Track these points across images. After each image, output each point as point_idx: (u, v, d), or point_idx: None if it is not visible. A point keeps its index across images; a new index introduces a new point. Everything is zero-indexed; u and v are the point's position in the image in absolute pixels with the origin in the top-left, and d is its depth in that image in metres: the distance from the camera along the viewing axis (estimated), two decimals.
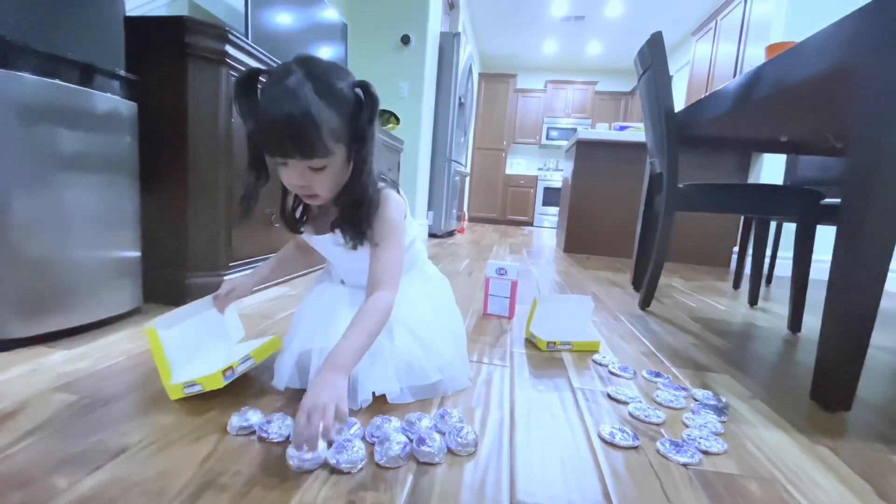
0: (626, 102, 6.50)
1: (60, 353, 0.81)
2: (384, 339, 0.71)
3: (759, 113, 1.23)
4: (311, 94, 0.57)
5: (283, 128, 0.56)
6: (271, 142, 0.59)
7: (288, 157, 0.59)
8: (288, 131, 0.56)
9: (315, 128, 0.57)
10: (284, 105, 0.56)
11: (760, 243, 1.77)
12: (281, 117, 0.56)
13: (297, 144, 0.58)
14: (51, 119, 0.83)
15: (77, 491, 0.46)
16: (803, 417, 0.77)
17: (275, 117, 0.56)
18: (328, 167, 0.62)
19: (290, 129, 0.56)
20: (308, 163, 0.60)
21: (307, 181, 0.62)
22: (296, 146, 0.58)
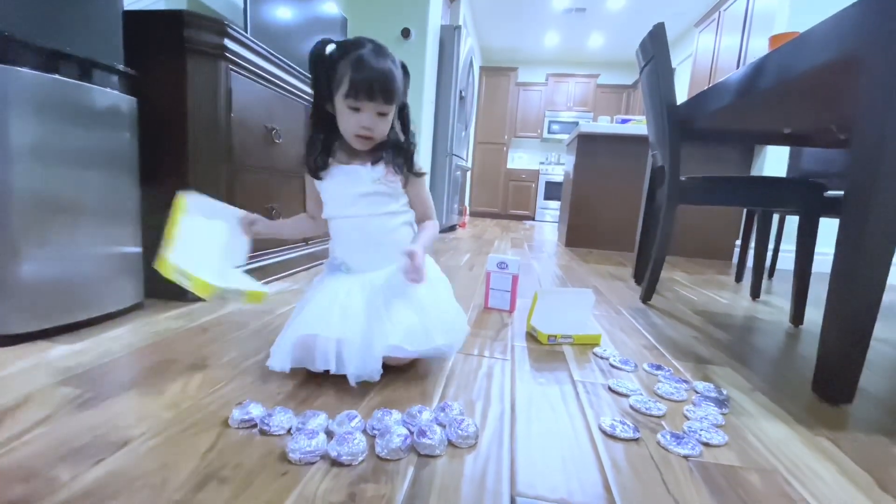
0: (628, 95, 6.46)
1: (63, 347, 0.81)
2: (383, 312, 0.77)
3: (762, 104, 1.22)
4: (389, 54, 0.78)
5: (378, 76, 0.75)
6: (366, 88, 0.75)
7: (373, 100, 0.76)
8: (381, 80, 0.75)
9: (396, 81, 0.77)
10: (380, 61, 0.75)
11: (763, 236, 1.76)
12: (378, 68, 0.75)
13: (384, 91, 0.76)
14: (51, 114, 0.83)
15: (79, 484, 0.46)
16: (805, 410, 0.77)
17: (374, 68, 0.74)
18: (388, 115, 0.80)
19: (383, 78, 0.75)
20: (381, 108, 0.77)
21: (373, 124, 0.78)
22: (383, 92, 0.76)
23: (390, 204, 0.86)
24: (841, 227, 0.80)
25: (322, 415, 0.61)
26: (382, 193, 0.84)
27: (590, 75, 6.48)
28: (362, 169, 0.83)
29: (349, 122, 0.79)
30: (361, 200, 0.83)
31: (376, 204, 0.84)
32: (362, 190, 0.83)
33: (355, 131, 0.79)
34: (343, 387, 0.73)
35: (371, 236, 0.85)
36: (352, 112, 0.77)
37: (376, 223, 0.85)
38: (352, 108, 0.77)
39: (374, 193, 0.84)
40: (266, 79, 1.34)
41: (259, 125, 1.32)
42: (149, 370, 0.75)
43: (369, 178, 0.83)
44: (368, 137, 0.80)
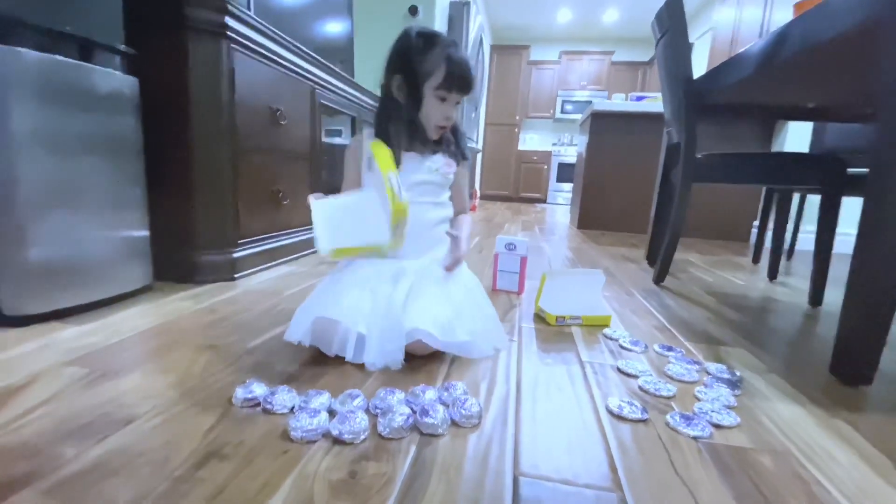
0: (644, 73, 6.27)
1: (72, 328, 0.83)
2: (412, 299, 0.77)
3: (784, 76, 1.16)
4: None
5: (469, 70, 0.83)
6: (459, 80, 0.82)
7: (461, 92, 0.83)
8: (470, 73, 0.83)
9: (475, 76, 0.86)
10: (464, 56, 0.83)
11: (782, 216, 1.71)
12: (468, 63, 0.83)
13: (470, 84, 0.84)
14: (53, 96, 0.83)
15: (83, 460, 0.47)
16: (821, 391, 0.74)
17: (466, 63, 0.83)
18: (458, 105, 0.87)
19: (471, 73, 0.84)
20: (462, 98, 0.85)
21: (453, 113, 0.85)
22: (469, 85, 0.84)
23: (440, 195, 0.91)
24: (864, 205, 0.76)
25: (325, 394, 0.60)
26: (435, 184, 0.89)
27: (604, 52, 6.29)
28: (421, 157, 0.88)
29: (436, 112, 0.84)
30: (415, 188, 0.85)
31: (427, 193, 0.88)
32: (418, 178, 0.87)
33: (439, 122, 0.85)
34: (347, 367, 0.72)
35: (415, 225, 0.80)
36: (439, 102, 0.83)
37: (423, 213, 0.86)
38: (441, 98, 0.83)
39: (428, 183, 0.88)
40: (270, 59, 1.32)
41: (263, 106, 1.31)
42: (156, 350, 0.75)
43: (427, 168, 0.88)
44: (446, 127, 0.87)
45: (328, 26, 2.13)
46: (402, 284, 0.79)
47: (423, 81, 0.82)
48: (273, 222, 1.42)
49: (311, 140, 1.62)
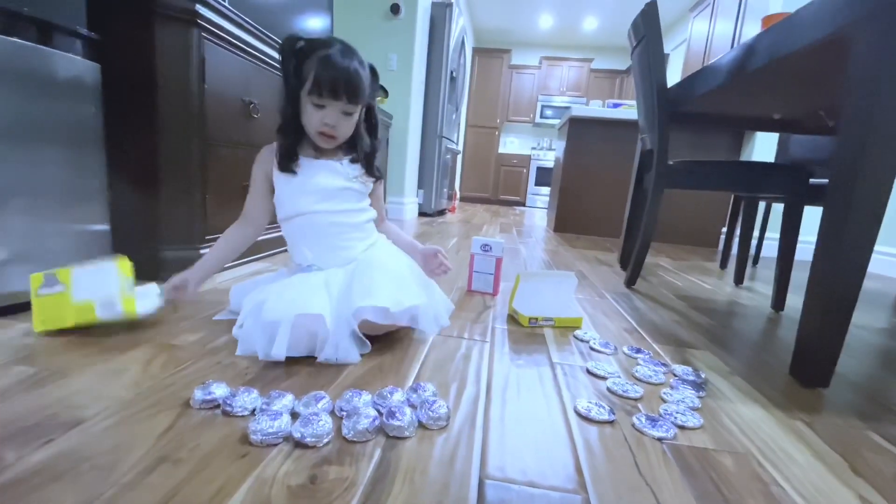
0: (621, 81, 6.41)
1: (23, 325, 0.78)
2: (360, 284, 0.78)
3: (752, 87, 1.20)
4: (356, 54, 0.80)
5: (343, 75, 0.76)
6: (329, 85, 0.76)
7: (336, 99, 0.77)
8: (346, 78, 0.77)
9: (361, 81, 0.79)
10: (347, 61, 0.77)
11: (748, 223, 1.76)
12: (344, 67, 0.76)
13: (348, 90, 0.77)
14: (8, 80, 0.78)
15: (24, 464, 0.44)
16: (781, 393, 0.76)
17: (340, 67, 0.76)
18: (352, 115, 0.81)
19: (349, 77, 0.77)
20: (346, 107, 0.79)
21: (336, 122, 0.80)
22: (347, 91, 0.77)
23: (362, 200, 0.90)
24: (824, 213, 0.79)
25: (288, 395, 0.58)
26: (355, 190, 0.88)
27: (584, 59, 6.40)
28: (337, 164, 0.86)
29: (312, 118, 0.79)
30: (337, 195, 0.85)
31: (350, 200, 0.87)
32: (337, 184, 0.85)
33: (318, 128, 0.80)
34: (314, 368, 0.71)
35: (343, 233, 0.86)
36: (315, 109, 0.78)
37: (348, 219, 0.87)
38: (316, 104, 0.78)
39: (348, 189, 0.86)
40: (244, 50, 1.28)
41: (236, 98, 1.27)
42: (111, 348, 0.72)
43: (345, 175, 0.86)
44: (331, 136, 0.81)
45: (307, 20, 2.10)
46: (350, 278, 0.80)
47: (300, 87, 0.79)
48: None
49: None
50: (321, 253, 0.85)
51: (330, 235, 0.85)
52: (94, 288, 0.76)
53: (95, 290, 0.76)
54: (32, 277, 0.75)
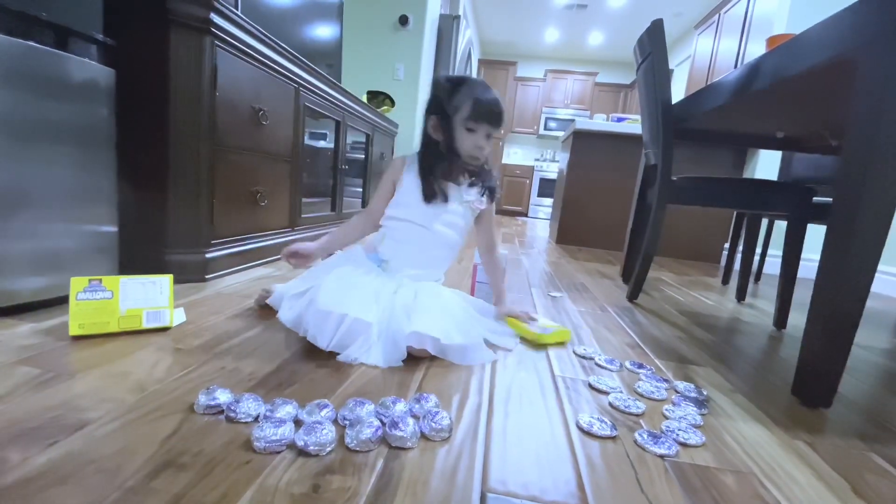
0: (625, 95, 6.46)
1: (28, 325, 0.79)
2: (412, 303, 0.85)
3: (756, 106, 1.21)
4: None
5: (494, 106, 0.90)
6: (485, 113, 0.89)
7: (490, 124, 0.90)
8: (497, 106, 0.91)
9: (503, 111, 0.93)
10: (494, 93, 0.92)
11: (751, 240, 1.76)
12: (494, 99, 0.91)
13: (498, 117, 0.91)
14: (24, 83, 0.79)
15: (29, 466, 0.44)
16: (783, 412, 0.76)
17: (491, 99, 0.90)
18: (491, 139, 0.94)
19: (498, 106, 0.91)
20: (492, 131, 0.92)
21: (485, 144, 0.92)
22: (497, 118, 0.91)
23: (463, 224, 0.99)
24: (828, 233, 0.79)
25: (292, 403, 0.59)
26: (462, 214, 0.98)
27: (588, 73, 6.46)
28: (456, 187, 0.96)
29: (467, 142, 0.91)
30: (444, 216, 0.95)
31: (453, 224, 0.97)
32: (452, 206, 0.95)
33: (471, 151, 0.92)
34: (317, 375, 0.71)
35: (431, 250, 0.96)
36: (468, 133, 0.90)
37: (442, 240, 0.96)
38: (469, 129, 0.90)
39: (457, 213, 0.96)
40: (255, 58, 1.30)
41: (246, 105, 1.29)
42: (117, 351, 0.72)
43: (460, 197, 0.97)
44: (479, 158, 0.94)
45: (317, 30, 2.13)
46: (403, 295, 0.87)
47: (453, 115, 0.90)
48: (250, 223, 1.39)
49: (293, 142, 1.60)
50: (404, 259, 0.94)
51: (422, 249, 0.95)
52: (143, 299, 0.80)
53: (145, 300, 0.80)
54: (73, 281, 0.75)
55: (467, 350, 0.82)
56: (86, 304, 0.76)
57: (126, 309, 0.78)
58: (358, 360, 0.76)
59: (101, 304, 0.77)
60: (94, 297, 0.76)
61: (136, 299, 0.80)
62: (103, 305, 0.77)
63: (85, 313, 0.75)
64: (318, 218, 1.93)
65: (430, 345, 0.79)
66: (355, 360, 0.76)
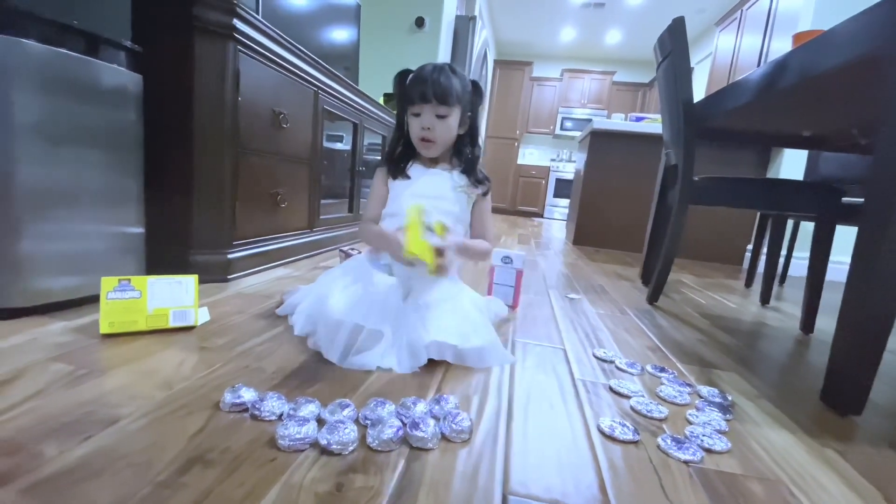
0: (644, 94, 6.37)
1: (60, 324, 0.81)
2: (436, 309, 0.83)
3: (782, 104, 1.18)
4: (447, 68, 0.89)
5: (430, 80, 0.85)
6: (419, 91, 0.85)
7: (426, 102, 0.86)
8: (433, 83, 0.85)
9: (450, 86, 0.87)
10: (436, 72, 0.87)
11: (776, 241, 1.72)
12: (430, 75, 0.86)
13: (436, 92, 0.85)
14: (56, 89, 0.82)
15: (65, 459, 0.45)
16: (812, 419, 0.74)
17: (427, 75, 0.86)
18: (447, 118, 0.88)
19: (435, 83, 0.85)
20: (437, 109, 0.87)
21: (432, 124, 0.88)
22: (435, 94, 0.85)
23: (461, 210, 0.96)
24: (859, 235, 0.77)
25: (314, 402, 0.59)
26: (456, 202, 0.94)
27: (606, 72, 6.39)
28: (446, 174, 0.95)
29: (414, 128, 0.90)
30: (437, 202, 0.92)
31: (447, 212, 0.93)
32: (441, 191, 0.93)
33: (419, 135, 0.90)
34: (338, 375, 0.72)
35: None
36: (415, 118, 0.89)
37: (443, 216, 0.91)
38: (414, 114, 0.89)
39: (450, 200, 0.94)
40: (275, 62, 1.32)
41: (267, 109, 1.31)
42: (144, 349, 0.74)
43: (451, 184, 0.94)
44: (429, 140, 0.90)
45: (335, 33, 2.15)
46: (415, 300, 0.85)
47: (406, 109, 0.91)
48: (270, 225, 1.42)
49: (312, 144, 1.63)
50: None
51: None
52: (170, 298, 0.82)
53: (172, 300, 0.83)
54: (104, 280, 0.78)
55: (485, 352, 0.82)
56: (115, 303, 0.78)
57: (153, 308, 0.81)
58: (369, 366, 0.75)
59: (129, 303, 0.79)
60: (123, 297, 0.78)
61: (162, 299, 0.82)
62: (132, 304, 0.79)
63: (115, 312, 0.78)
64: (335, 219, 1.95)
65: (451, 354, 0.79)
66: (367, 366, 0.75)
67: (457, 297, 0.90)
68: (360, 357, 0.75)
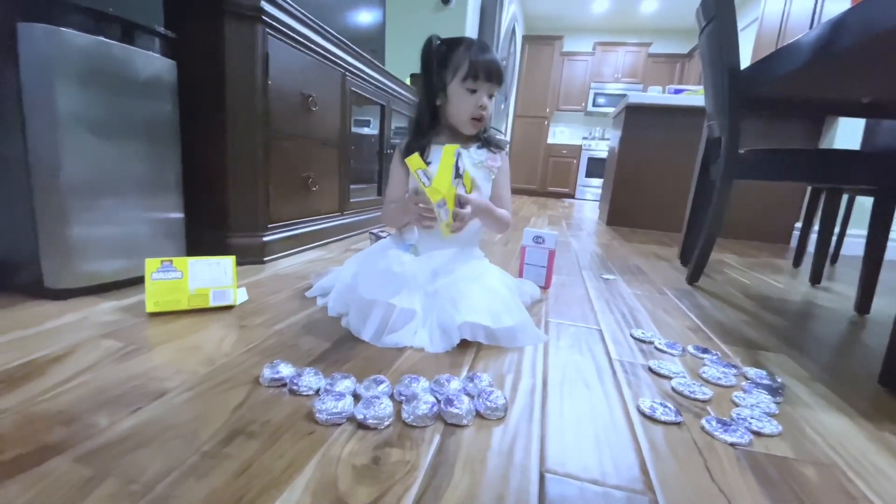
0: (682, 66, 6.05)
1: (109, 303, 0.85)
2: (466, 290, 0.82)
3: (839, 68, 1.09)
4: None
5: (494, 60, 0.87)
6: (485, 69, 0.85)
7: (489, 81, 0.87)
8: (496, 63, 0.87)
9: (503, 68, 0.90)
10: (491, 52, 0.88)
11: (829, 217, 1.61)
12: (492, 57, 0.87)
13: (498, 73, 0.88)
14: (96, 77, 0.85)
15: (116, 429, 0.48)
16: (869, 403, 0.70)
17: (490, 54, 0.87)
18: (494, 98, 0.91)
19: (497, 62, 0.88)
20: (493, 89, 0.89)
21: (485, 104, 0.89)
22: (497, 75, 0.87)
23: (483, 188, 0.94)
24: None
25: (350, 378, 0.60)
26: (478, 177, 0.93)
27: (641, 44, 6.09)
28: (465, 152, 0.93)
29: (467, 104, 0.88)
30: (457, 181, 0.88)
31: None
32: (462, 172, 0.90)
33: (472, 113, 0.89)
34: (372, 352, 0.72)
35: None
36: (469, 94, 0.87)
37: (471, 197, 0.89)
38: (469, 89, 0.87)
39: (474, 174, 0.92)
40: (303, 44, 1.32)
41: (296, 92, 1.32)
42: (187, 327, 0.77)
43: (470, 161, 0.93)
44: (481, 119, 0.90)
45: (360, 15, 2.13)
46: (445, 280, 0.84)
47: (450, 79, 0.87)
48: (302, 208, 1.43)
49: (340, 128, 1.63)
50: (431, 236, 0.91)
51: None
52: (210, 278, 0.85)
53: (211, 280, 0.85)
54: (148, 262, 0.81)
55: (517, 332, 0.80)
56: (159, 283, 0.81)
57: (195, 288, 0.83)
58: (403, 344, 0.75)
59: (172, 283, 0.82)
60: (166, 277, 0.81)
61: (203, 279, 0.84)
62: (175, 285, 0.82)
63: (159, 292, 0.81)
64: (365, 202, 1.96)
65: (483, 335, 0.78)
66: (400, 344, 0.75)
67: (485, 276, 0.89)
68: (392, 336, 0.76)
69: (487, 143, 0.96)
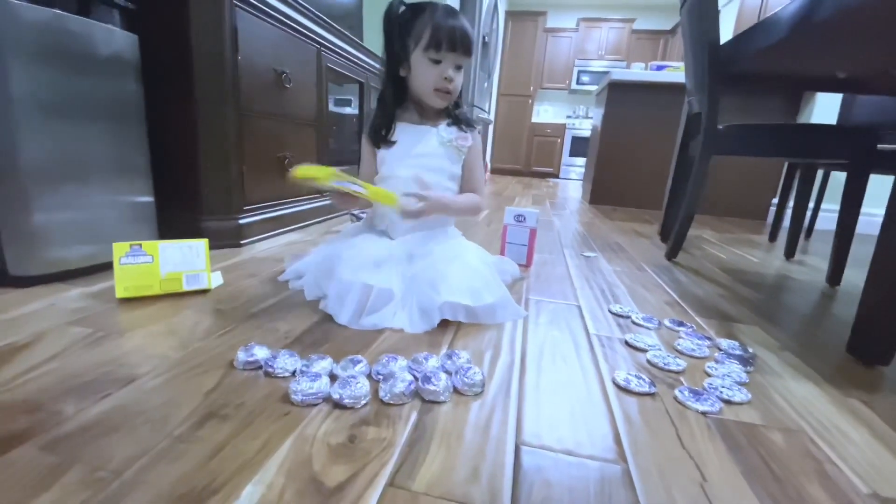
0: (665, 42, 6.02)
1: (78, 290, 0.83)
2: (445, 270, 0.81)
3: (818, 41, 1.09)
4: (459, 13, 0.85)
5: (459, 28, 0.81)
6: (448, 38, 0.80)
7: (454, 51, 0.81)
8: (462, 31, 0.81)
9: (471, 32, 0.84)
10: (458, 17, 0.82)
11: (804, 193, 1.64)
12: (459, 22, 0.81)
13: (464, 42, 0.82)
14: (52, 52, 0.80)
15: (83, 417, 0.47)
16: (836, 370, 0.72)
17: (453, 24, 0.81)
18: (461, 71, 0.86)
19: (463, 31, 0.82)
20: (459, 60, 0.84)
21: (451, 76, 0.83)
22: (463, 44, 0.82)
23: (453, 168, 0.92)
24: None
25: (327, 359, 0.60)
26: (446, 157, 0.90)
27: (625, 20, 6.03)
28: (433, 129, 0.90)
29: (430, 75, 0.83)
30: (430, 159, 0.89)
31: (438, 169, 0.90)
32: (428, 149, 0.89)
33: (436, 84, 0.83)
34: (350, 333, 0.72)
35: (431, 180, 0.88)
36: (432, 65, 0.82)
37: (436, 182, 0.88)
38: (433, 60, 0.82)
39: (436, 155, 0.89)
40: (275, 18, 1.27)
41: (268, 68, 1.27)
42: (160, 312, 0.75)
43: (438, 139, 0.90)
44: (448, 91, 0.85)
45: None
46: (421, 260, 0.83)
47: (413, 48, 0.82)
48: (279, 189, 1.40)
49: (317, 105, 1.58)
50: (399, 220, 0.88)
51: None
52: (182, 262, 0.83)
53: (184, 264, 0.83)
54: (116, 246, 0.78)
55: (497, 308, 0.81)
56: (129, 268, 0.78)
57: (166, 272, 0.81)
58: (381, 326, 0.74)
59: (142, 267, 0.79)
60: (135, 262, 0.79)
61: (175, 263, 0.82)
62: (145, 269, 0.80)
63: (129, 276, 0.78)
64: None
65: (463, 313, 0.77)
66: (378, 326, 0.74)
67: (463, 255, 0.88)
68: (371, 318, 0.75)
69: (457, 120, 0.92)
